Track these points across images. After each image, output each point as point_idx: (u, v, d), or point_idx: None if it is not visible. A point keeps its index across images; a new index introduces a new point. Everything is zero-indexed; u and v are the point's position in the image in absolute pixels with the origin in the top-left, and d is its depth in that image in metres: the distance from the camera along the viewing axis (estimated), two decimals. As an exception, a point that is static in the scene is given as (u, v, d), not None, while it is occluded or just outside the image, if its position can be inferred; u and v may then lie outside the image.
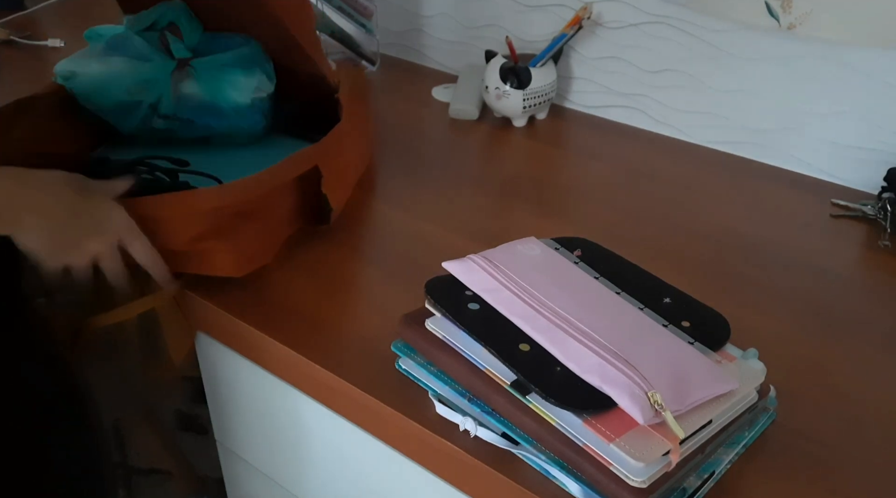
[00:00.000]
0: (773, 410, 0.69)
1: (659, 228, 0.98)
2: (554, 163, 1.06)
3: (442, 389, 0.68)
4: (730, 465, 0.64)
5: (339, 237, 0.92)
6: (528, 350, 0.64)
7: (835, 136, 1.08)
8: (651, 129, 1.24)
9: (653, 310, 0.70)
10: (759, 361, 0.68)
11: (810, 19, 1.03)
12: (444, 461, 0.68)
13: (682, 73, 1.17)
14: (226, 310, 0.81)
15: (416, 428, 0.68)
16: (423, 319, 0.69)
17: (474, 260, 0.72)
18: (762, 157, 1.15)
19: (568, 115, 1.29)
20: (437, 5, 1.39)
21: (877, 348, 0.79)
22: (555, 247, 0.77)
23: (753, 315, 0.82)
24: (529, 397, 0.62)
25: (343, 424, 0.78)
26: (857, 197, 1.05)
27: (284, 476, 0.93)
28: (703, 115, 1.18)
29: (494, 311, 0.68)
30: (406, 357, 0.71)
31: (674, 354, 0.64)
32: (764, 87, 1.11)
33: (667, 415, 0.58)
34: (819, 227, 1.00)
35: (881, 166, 1.03)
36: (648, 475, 0.56)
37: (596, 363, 0.61)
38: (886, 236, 0.97)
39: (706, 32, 1.13)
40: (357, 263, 0.89)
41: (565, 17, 1.23)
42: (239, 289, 0.83)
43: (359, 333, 0.78)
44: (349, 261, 0.89)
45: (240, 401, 0.92)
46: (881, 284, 0.90)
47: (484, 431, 0.65)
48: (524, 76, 1.18)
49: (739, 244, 0.95)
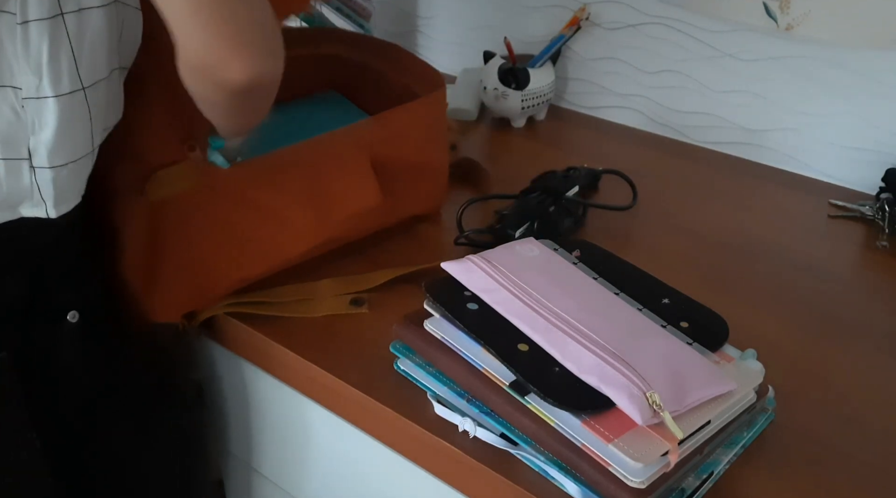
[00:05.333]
0: (771, 411, 0.69)
1: (657, 229, 0.98)
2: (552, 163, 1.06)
3: (441, 390, 0.68)
4: (728, 465, 0.64)
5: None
6: (527, 350, 0.64)
7: (833, 136, 1.08)
8: (649, 130, 1.24)
9: (651, 310, 0.70)
10: (757, 361, 0.68)
11: (808, 20, 1.04)
12: (443, 462, 0.68)
13: (680, 73, 1.18)
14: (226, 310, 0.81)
15: (415, 428, 0.68)
16: (422, 320, 0.69)
17: (473, 260, 0.72)
18: (760, 157, 1.15)
19: (566, 116, 1.29)
20: (435, 6, 1.39)
21: (875, 349, 0.79)
22: (553, 247, 0.77)
23: (752, 316, 0.82)
24: (528, 398, 0.62)
25: (342, 425, 0.78)
26: (855, 197, 1.05)
27: (283, 477, 0.93)
28: (701, 115, 1.18)
29: (493, 311, 0.68)
30: (405, 358, 0.71)
31: (672, 354, 0.64)
32: (762, 87, 1.11)
33: (665, 415, 0.58)
34: (817, 227, 1.00)
35: (879, 167, 1.03)
36: (647, 476, 0.56)
37: (594, 364, 0.61)
38: (884, 237, 0.97)
39: (704, 33, 1.13)
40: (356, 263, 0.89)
41: (563, 18, 1.23)
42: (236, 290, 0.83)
43: (357, 334, 0.78)
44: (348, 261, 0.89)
45: (238, 402, 0.92)
46: (879, 284, 0.90)
47: (483, 432, 0.65)
48: (522, 77, 1.19)
49: (737, 245, 0.95)
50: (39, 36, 0.61)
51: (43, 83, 0.62)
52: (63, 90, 0.63)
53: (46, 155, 0.65)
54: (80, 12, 0.63)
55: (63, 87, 0.63)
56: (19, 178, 0.65)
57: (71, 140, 0.66)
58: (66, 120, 0.64)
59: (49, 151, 0.65)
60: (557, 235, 0.86)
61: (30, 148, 0.64)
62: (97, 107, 0.67)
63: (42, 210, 0.67)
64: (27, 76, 0.62)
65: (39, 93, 0.62)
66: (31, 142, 0.64)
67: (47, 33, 0.61)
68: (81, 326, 0.72)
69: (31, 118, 0.63)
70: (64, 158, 0.66)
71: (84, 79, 0.65)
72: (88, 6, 0.64)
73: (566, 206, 0.96)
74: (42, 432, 0.71)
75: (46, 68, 0.62)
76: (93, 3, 0.64)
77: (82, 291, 0.74)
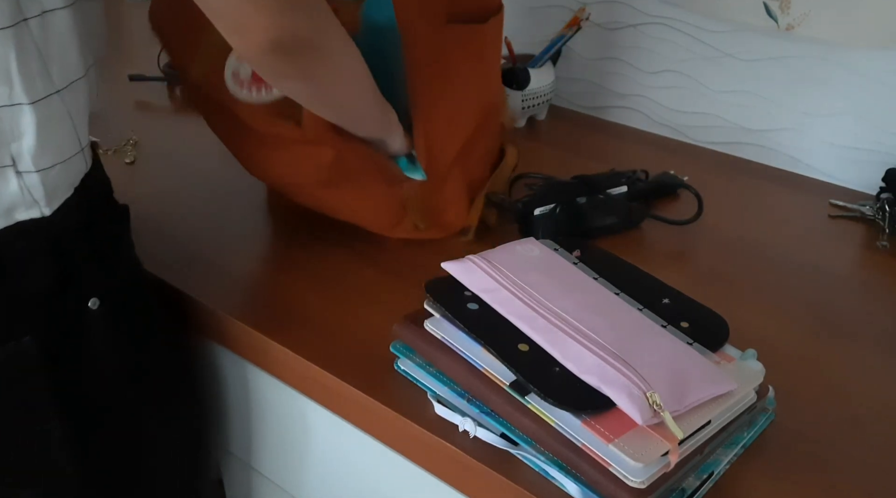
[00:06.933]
0: (771, 411, 0.69)
1: (658, 228, 0.98)
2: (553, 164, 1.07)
3: (441, 390, 0.68)
4: (728, 465, 0.64)
5: (338, 238, 0.92)
6: (527, 350, 0.64)
7: (833, 136, 1.08)
8: (649, 130, 1.24)
9: (652, 310, 0.70)
10: (757, 361, 0.68)
11: (808, 20, 1.04)
12: (443, 462, 0.68)
13: (680, 73, 1.18)
14: (225, 311, 0.81)
15: (415, 428, 0.68)
16: (422, 320, 0.69)
17: (473, 260, 0.72)
18: (760, 157, 1.15)
19: (567, 116, 1.29)
20: (435, 6, 1.38)
21: (875, 349, 0.79)
22: (554, 247, 0.77)
23: (752, 316, 0.82)
24: (528, 398, 0.62)
25: (341, 425, 0.78)
26: (856, 197, 1.05)
27: (282, 476, 0.93)
28: (701, 115, 1.18)
29: (493, 311, 0.68)
30: (405, 358, 0.71)
31: (673, 354, 0.64)
32: (762, 87, 1.11)
33: (665, 415, 0.58)
34: (817, 227, 1.00)
35: (879, 167, 1.03)
36: (647, 476, 0.56)
37: (595, 364, 0.61)
38: (885, 237, 0.97)
39: (704, 33, 1.13)
40: (355, 263, 0.89)
41: (564, 18, 1.23)
42: (237, 291, 0.83)
43: (357, 334, 0.78)
44: (347, 261, 0.89)
45: (238, 402, 0.92)
46: (879, 284, 0.90)
47: (483, 432, 0.65)
48: (523, 77, 1.19)
49: (738, 245, 0.95)
50: (4, 44, 0.60)
51: (15, 91, 0.62)
52: (38, 96, 0.63)
53: (31, 159, 0.64)
54: (44, 16, 0.62)
55: (37, 92, 0.63)
56: (6, 184, 0.64)
57: (54, 142, 0.66)
58: (45, 124, 0.64)
59: (33, 156, 0.64)
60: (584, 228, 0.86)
61: (12, 154, 0.64)
62: (77, 106, 0.67)
63: (36, 211, 0.67)
64: None
65: (12, 100, 0.62)
66: (12, 148, 0.63)
67: (12, 41, 0.60)
68: (105, 312, 0.72)
69: (7, 126, 0.63)
70: (50, 161, 0.66)
71: (58, 81, 0.65)
72: (52, 8, 0.63)
73: (606, 203, 0.93)
74: (63, 419, 0.70)
75: (16, 76, 0.61)
76: (56, 5, 0.64)
77: (110, 274, 0.74)
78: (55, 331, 0.69)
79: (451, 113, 0.88)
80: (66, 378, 0.71)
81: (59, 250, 0.69)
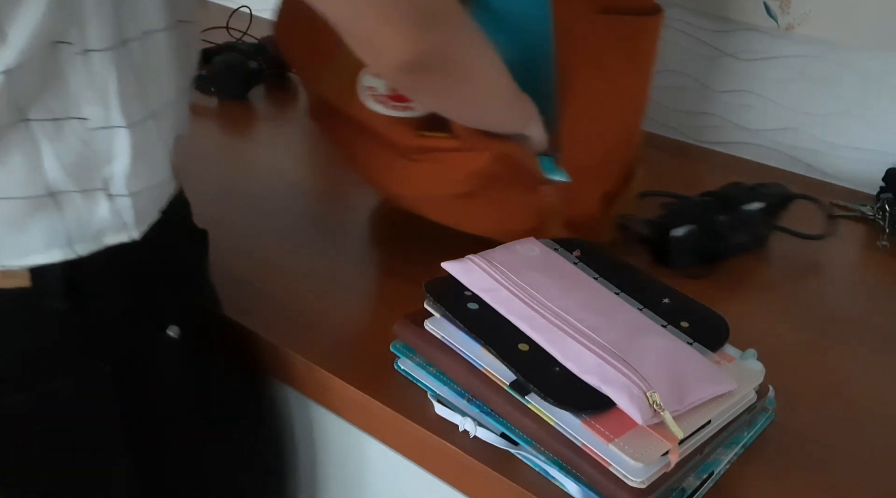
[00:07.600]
0: (771, 411, 0.69)
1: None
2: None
3: (441, 390, 0.68)
4: (728, 465, 0.64)
5: (337, 237, 0.92)
6: (527, 350, 0.64)
7: (833, 136, 1.08)
8: (649, 130, 1.24)
9: (652, 310, 0.70)
10: (757, 361, 0.68)
11: (809, 20, 1.04)
12: (443, 461, 0.68)
13: (680, 73, 1.18)
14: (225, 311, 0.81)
15: (415, 428, 0.68)
16: (422, 320, 0.69)
17: (473, 260, 0.71)
18: (760, 157, 1.15)
19: (566, 116, 1.29)
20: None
21: (875, 349, 0.79)
22: (554, 247, 0.77)
23: (752, 316, 0.82)
24: (528, 398, 0.62)
25: (341, 424, 0.78)
26: (856, 197, 1.05)
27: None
28: (701, 115, 1.18)
29: (494, 311, 0.68)
30: (405, 358, 0.71)
31: (673, 354, 0.64)
32: (762, 87, 1.11)
33: (665, 415, 0.58)
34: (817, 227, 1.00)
35: (879, 167, 1.03)
36: (647, 476, 0.56)
37: (595, 363, 0.61)
38: (885, 237, 0.97)
39: (705, 33, 1.13)
40: (355, 262, 0.89)
41: (564, 17, 1.23)
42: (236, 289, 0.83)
43: (357, 333, 0.78)
44: (347, 261, 0.89)
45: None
46: (880, 284, 0.90)
47: (483, 432, 0.65)
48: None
49: (738, 245, 0.95)
50: (103, 66, 0.58)
51: (111, 113, 0.60)
52: (134, 119, 0.61)
53: (124, 182, 0.62)
54: (143, 38, 0.61)
55: (134, 115, 0.61)
56: (96, 207, 0.62)
57: (148, 166, 0.64)
58: (140, 147, 0.62)
59: (127, 179, 0.62)
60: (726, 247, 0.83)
61: (104, 177, 0.62)
62: (170, 128, 0.66)
63: (125, 235, 0.65)
64: (93, 107, 0.59)
65: (109, 123, 0.60)
66: (104, 171, 0.62)
67: (113, 64, 0.59)
68: (182, 341, 0.70)
69: (101, 148, 0.61)
70: (143, 184, 0.64)
71: (154, 104, 0.63)
72: (152, 29, 0.61)
73: (741, 219, 0.90)
74: (130, 452, 0.68)
75: (114, 98, 0.59)
76: (156, 27, 0.61)
77: (188, 301, 0.72)
78: (131, 359, 0.67)
79: (599, 107, 0.84)
80: (138, 410, 0.68)
81: (139, 274, 0.67)
